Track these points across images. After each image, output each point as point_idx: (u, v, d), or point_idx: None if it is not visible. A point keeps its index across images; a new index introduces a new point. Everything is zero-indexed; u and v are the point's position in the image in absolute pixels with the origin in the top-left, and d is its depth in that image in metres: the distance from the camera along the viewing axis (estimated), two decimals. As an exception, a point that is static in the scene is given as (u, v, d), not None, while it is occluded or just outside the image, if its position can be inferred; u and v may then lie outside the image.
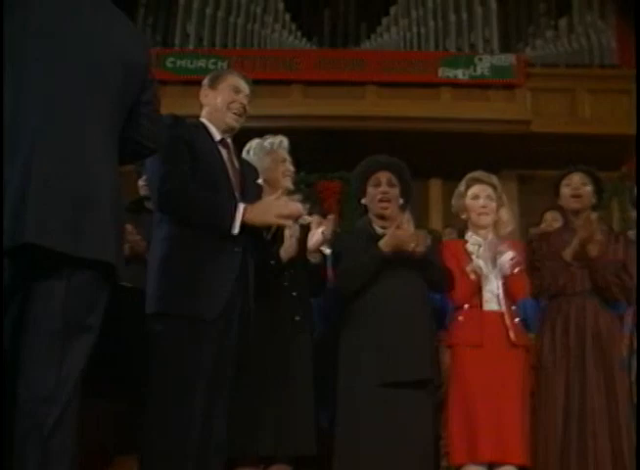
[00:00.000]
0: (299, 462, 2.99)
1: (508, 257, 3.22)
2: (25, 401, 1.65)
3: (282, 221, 2.50)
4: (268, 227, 2.54)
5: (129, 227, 4.08)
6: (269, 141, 3.19)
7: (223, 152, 2.65)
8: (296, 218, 2.60)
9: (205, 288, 2.41)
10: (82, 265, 1.72)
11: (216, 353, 2.41)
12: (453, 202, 3.47)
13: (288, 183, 3.11)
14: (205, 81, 2.78)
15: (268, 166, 3.05)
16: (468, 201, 3.37)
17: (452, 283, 3.22)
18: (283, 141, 3.22)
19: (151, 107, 2.03)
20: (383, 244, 3.06)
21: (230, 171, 2.62)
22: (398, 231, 3.02)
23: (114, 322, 2.70)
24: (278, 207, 2.48)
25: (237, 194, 2.57)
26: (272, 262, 2.92)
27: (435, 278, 3.18)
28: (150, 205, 4.27)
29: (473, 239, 3.35)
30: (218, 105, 2.70)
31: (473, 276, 3.21)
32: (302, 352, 3.03)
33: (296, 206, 2.54)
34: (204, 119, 2.71)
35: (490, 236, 3.32)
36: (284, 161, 3.14)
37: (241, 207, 2.43)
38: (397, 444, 2.92)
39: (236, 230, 2.41)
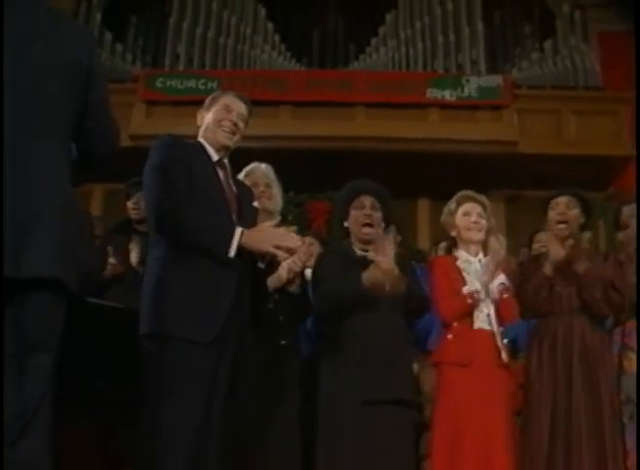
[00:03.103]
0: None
1: (497, 281, 3.23)
2: None
3: (277, 252, 2.44)
4: (262, 255, 2.51)
5: (109, 250, 4.07)
6: (247, 168, 3.22)
7: (220, 173, 2.62)
8: (292, 252, 2.51)
9: (200, 310, 2.36)
10: (32, 285, 1.70)
11: (211, 376, 2.37)
12: (442, 218, 3.48)
13: (261, 206, 3.06)
14: (204, 105, 2.78)
15: None
16: (458, 218, 3.38)
17: (430, 308, 3.23)
18: (259, 166, 3.25)
19: (100, 108, 2.00)
20: (364, 278, 3.03)
21: (227, 193, 2.59)
22: (379, 267, 2.99)
23: (103, 342, 2.71)
24: (276, 236, 2.43)
25: (234, 216, 2.54)
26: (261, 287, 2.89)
27: (414, 307, 3.19)
28: (142, 227, 4.28)
29: (463, 256, 3.35)
30: (210, 124, 2.69)
31: (469, 300, 3.21)
32: (289, 376, 3.03)
33: (293, 238, 2.47)
34: (201, 139, 2.69)
35: (481, 256, 3.33)
36: (255, 185, 3.12)
37: (238, 230, 2.39)
38: (376, 462, 2.91)
39: (232, 254, 2.36)
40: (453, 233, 3.43)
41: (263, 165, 3.26)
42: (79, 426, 2.69)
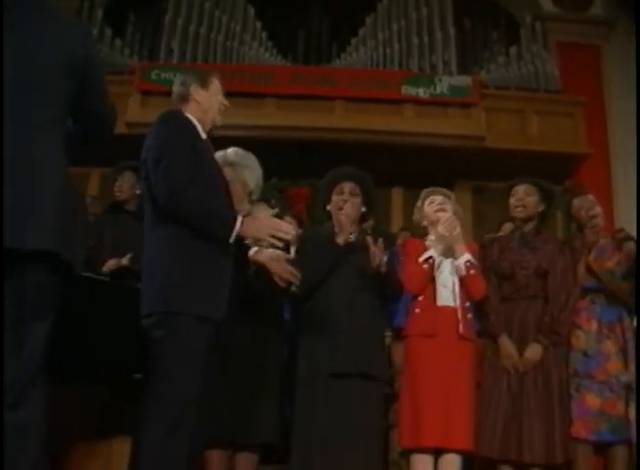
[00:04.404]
0: (267, 451, 2.97)
1: (463, 259, 3.22)
2: None
3: (272, 241, 2.41)
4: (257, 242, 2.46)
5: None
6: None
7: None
8: (285, 240, 2.48)
9: (211, 289, 2.31)
10: (33, 257, 1.71)
11: (210, 350, 2.32)
12: (414, 216, 3.48)
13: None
14: (192, 80, 2.60)
15: None
16: (426, 207, 3.38)
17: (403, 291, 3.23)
18: (230, 150, 3.14)
19: (98, 92, 1.98)
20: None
21: (218, 169, 2.54)
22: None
23: (99, 314, 2.67)
24: (272, 225, 2.39)
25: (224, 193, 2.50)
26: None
27: (390, 291, 3.18)
28: (129, 206, 4.26)
29: (432, 238, 3.34)
30: (213, 105, 2.58)
31: (425, 266, 3.20)
32: (266, 349, 2.98)
33: (288, 227, 2.44)
34: (190, 116, 2.52)
35: (440, 227, 3.28)
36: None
37: (239, 220, 2.33)
38: (345, 432, 2.91)
39: (232, 239, 2.32)
40: (424, 223, 3.43)
41: (234, 149, 3.17)
42: (76, 395, 2.66)
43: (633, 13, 8.35)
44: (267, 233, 2.37)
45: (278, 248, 2.65)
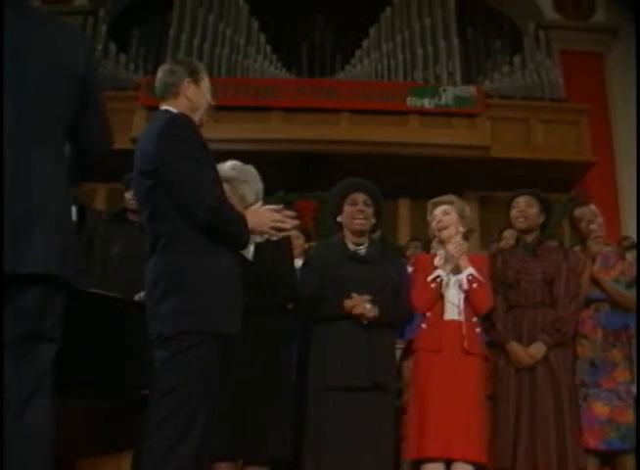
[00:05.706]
0: (277, 464, 2.95)
1: (465, 274, 3.22)
2: None
3: (274, 233, 2.41)
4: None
5: None
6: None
7: None
8: (287, 230, 2.46)
9: (229, 305, 2.26)
10: (30, 279, 1.68)
11: (219, 361, 2.28)
12: (429, 231, 3.49)
13: None
14: (184, 73, 2.40)
15: None
16: (433, 224, 3.38)
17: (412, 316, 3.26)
18: (227, 165, 2.98)
19: (96, 109, 1.94)
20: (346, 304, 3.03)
21: None
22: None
23: (105, 329, 2.68)
24: (272, 217, 2.37)
25: None
26: None
27: (397, 324, 3.22)
28: (135, 217, 4.25)
29: (439, 252, 3.34)
30: (202, 105, 2.43)
31: (433, 285, 3.21)
32: (258, 367, 2.90)
33: (289, 220, 2.42)
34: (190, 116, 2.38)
35: (450, 247, 3.30)
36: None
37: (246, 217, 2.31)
38: (356, 444, 2.90)
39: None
40: (436, 239, 3.44)
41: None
42: (83, 410, 2.66)
43: (635, 20, 8.38)
44: (269, 226, 2.37)
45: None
